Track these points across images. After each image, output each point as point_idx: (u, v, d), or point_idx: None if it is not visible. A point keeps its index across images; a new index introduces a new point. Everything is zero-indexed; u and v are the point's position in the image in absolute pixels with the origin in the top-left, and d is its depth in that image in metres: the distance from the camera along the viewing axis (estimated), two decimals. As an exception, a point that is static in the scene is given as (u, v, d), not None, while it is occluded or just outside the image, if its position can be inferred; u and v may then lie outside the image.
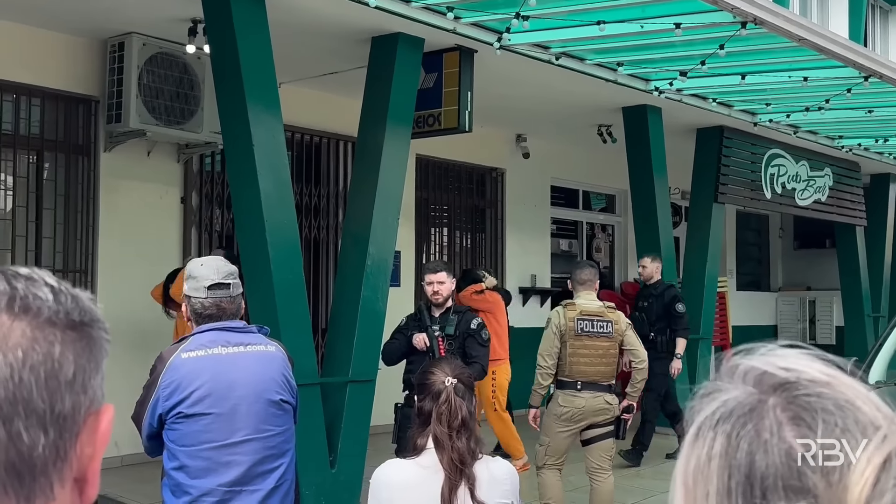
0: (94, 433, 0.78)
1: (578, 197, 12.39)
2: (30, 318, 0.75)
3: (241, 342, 2.93)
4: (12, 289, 0.76)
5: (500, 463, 2.81)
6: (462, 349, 5.30)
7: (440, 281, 5.43)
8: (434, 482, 2.64)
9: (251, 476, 2.86)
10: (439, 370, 2.80)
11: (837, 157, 12.11)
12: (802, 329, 15.94)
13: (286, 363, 3.03)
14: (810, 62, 7.42)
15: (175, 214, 7.94)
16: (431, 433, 2.68)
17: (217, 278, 2.96)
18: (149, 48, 7.01)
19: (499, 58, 7.11)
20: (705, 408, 0.77)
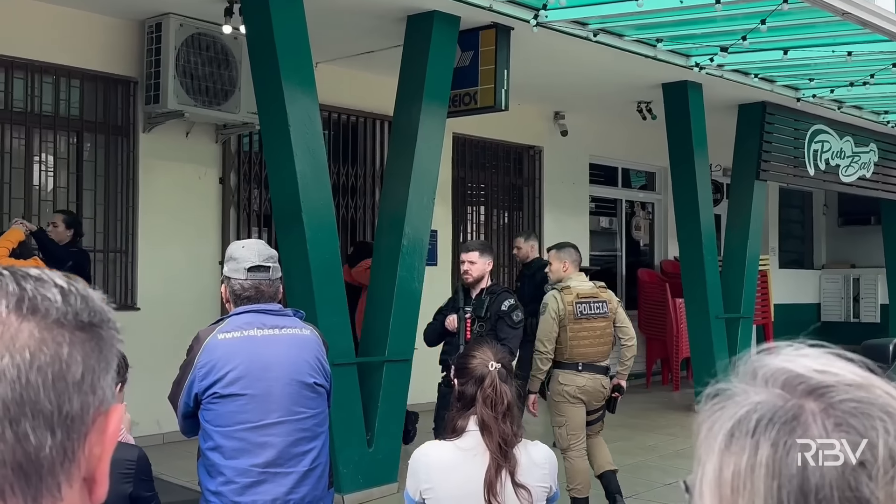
0: (102, 433, 0.78)
1: (618, 175, 12.28)
2: (38, 319, 0.75)
3: (277, 325, 2.94)
4: (21, 290, 0.76)
5: (539, 447, 2.81)
6: (493, 331, 5.25)
7: (471, 261, 5.40)
8: (473, 465, 2.65)
9: (285, 458, 2.88)
10: (480, 354, 2.80)
11: (883, 133, 11.86)
12: (846, 307, 15.70)
13: (321, 347, 3.03)
14: (854, 36, 7.26)
15: (213, 195, 7.99)
16: (477, 416, 2.69)
17: (258, 261, 2.98)
18: (186, 29, 7.04)
19: (535, 35, 7.04)
20: (727, 411, 0.74)
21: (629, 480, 6.91)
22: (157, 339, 6.92)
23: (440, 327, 5.46)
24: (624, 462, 7.47)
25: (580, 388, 5.61)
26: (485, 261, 5.42)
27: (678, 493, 3.14)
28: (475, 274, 5.37)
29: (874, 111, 10.88)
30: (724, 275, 9.78)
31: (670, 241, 12.31)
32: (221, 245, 8.00)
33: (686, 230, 9.48)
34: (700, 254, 9.32)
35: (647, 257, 12.78)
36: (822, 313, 15.90)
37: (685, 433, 8.65)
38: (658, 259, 12.61)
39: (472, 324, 5.28)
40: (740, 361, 0.79)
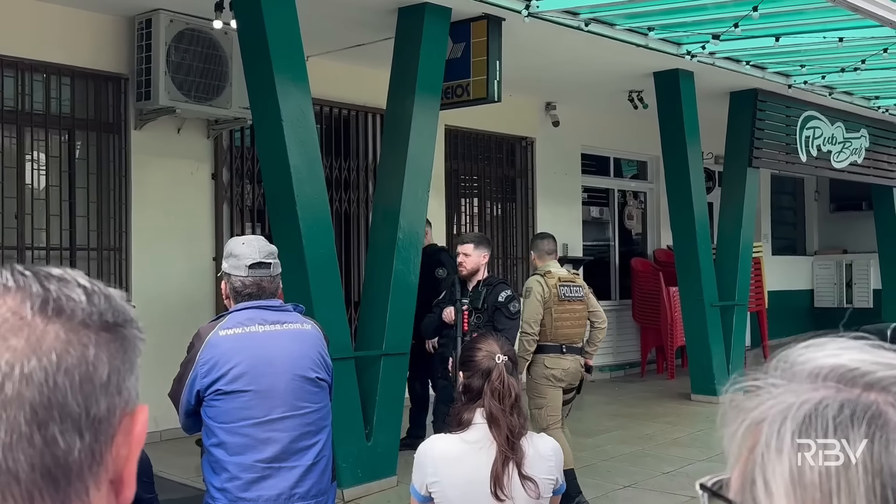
0: (129, 435, 0.77)
1: (609, 164, 12.28)
2: (63, 321, 0.74)
3: (278, 320, 2.93)
4: (45, 290, 0.75)
5: (545, 439, 2.81)
6: (490, 322, 5.26)
7: (465, 253, 5.40)
8: (479, 457, 2.65)
9: (289, 452, 2.88)
10: (486, 346, 2.79)
11: (874, 118, 11.89)
12: (839, 293, 15.76)
13: (322, 341, 3.03)
14: (845, 22, 7.26)
15: (206, 190, 7.97)
16: (484, 409, 2.69)
17: (259, 257, 2.97)
18: (176, 24, 7.00)
19: (527, 25, 7.03)
20: (775, 408, 0.71)
21: (627, 470, 6.94)
22: (153, 335, 6.83)
23: (437, 320, 5.46)
24: (622, 451, 7.52)
25: (565, 371, 5.79)
26: (480, 253, 5.42)
27: (677, 482, 3.17)
28: (470, 266, 5.37)
29: (865, 97, 10.91)
30: (717, 263, 9.80)
31: (663, 229, 12.33)
32: (215, 241, 7.98)
33: (679, 219, 9.49)
34: (694, 242, 9.33)
35: (640, 246, 12.79)
36: (815, 299, 15.97)
37: (682, 422, 8.69)
38: (651, 248, 12.63)
39: (470, 315, 5.28)
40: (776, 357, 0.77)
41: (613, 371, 11.63)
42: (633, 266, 11.84)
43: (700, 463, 7.10)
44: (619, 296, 12.14)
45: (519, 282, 10.78)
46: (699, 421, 8.70)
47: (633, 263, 11.88)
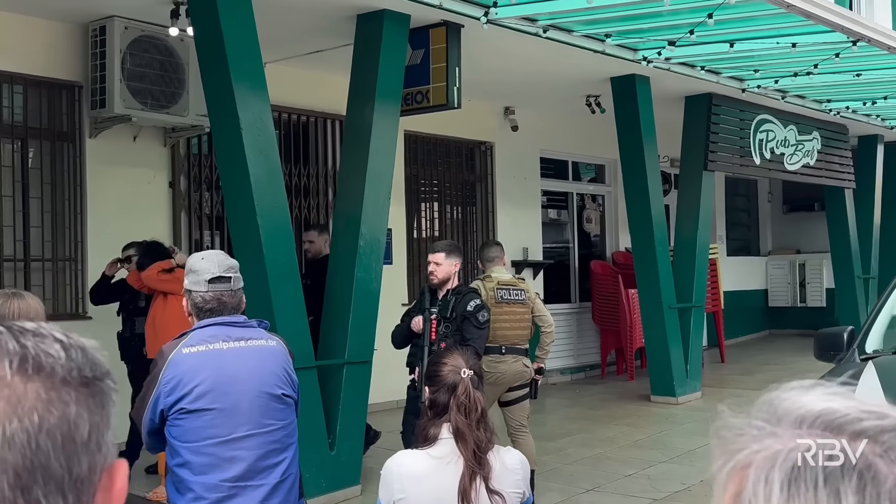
0: (109, 492, 0.75)
1: (568, 168, 12.36)
2: (43, 379, 0.72)
3: (243, 337, 2.90)
4: (22, 347, 0.73)
5: (511, 453, 2.81)
6: (459, 331, 5.24)
7: (437, 262, 5.37)
8: (446, 473, 2.64)
9: (255, 471, 2.85)
10: (452, 361, 2.78)
11: (825, 121, 12.10)
12: (793, 292, 16.00)
13: (287, 357, 3.00)
14: (798, 28, 7.38)
15: (163, 199, 7.87)
16: (451, 424, 2.68)
17: (218, 271, 2.93)
18: (131, 32, 6.91)
19: (485, 32, 7.04)
20: (762, 454, 0.71)
21: (590, 473, 6.99)
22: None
23: (406, 329, 5.43)
24: (584, 454, 7.56)
25: (502, 374, 5.93)
26: (451, 262, 5.39)
27: (639, 485, 3.20)
28: (441, 275, 5.34)
29: (817, 100, 11.10)
30: (675, 265, 9.90)
31: (621, 232, 12.43)
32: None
33: (638, 222, 9.57)
34: (652, 245, 9.42)
35: (599, 249, 12.88)
36: (769, 299, 16.20)
37: (643, 423, 8.77)
38: (609, 250, 12.73)
39: (438, 325, 5.25)
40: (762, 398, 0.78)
41: (574, 373, 11.70)
42: (592, 269, 11.92)
43: (661, 465, 7.17)
44: (579, 298, 12.21)
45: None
46: (659, 422, 8.78)
47: (593, 266, 11.96)
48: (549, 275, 11.65)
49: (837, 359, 4.82)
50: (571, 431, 8.47)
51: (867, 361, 4.44)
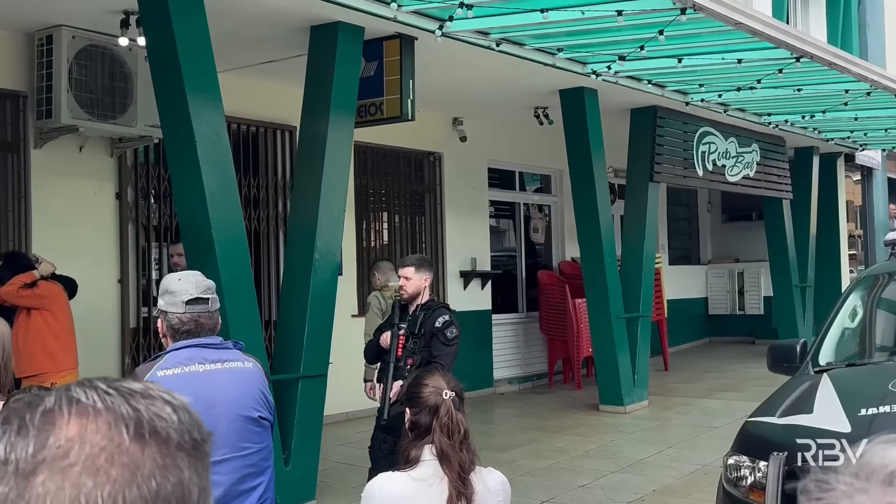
0: None
1: (515, 178, 12.44)
2: (159, 444, 0.72)
3: (219, 359, 2.85)
4: (135, 411, 0.72)
5: (494, 474, 2.81)
6: (427, 348, 5.19)
7: (406, 276, 5.29)
8: (429, 495, 2.63)
9: (232, 495, 2.80)
10: (432, 382, 2.77)
11: (764, 133, 12.39)
12: (732, 300, 16.32)
13: (263, 379, 2.97)
14: (744, 44, 7.55)
15: (110, 210, 7.72)
16: (434, 446, 2.66)
17: (196, 293, 2.88)
18: (78, 41, 6.77)
19: (438, 44, 7.06)
20: None
21: (544, 484, 7.02)
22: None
23: (376, 345, 5.37)
24: (537, 465, 7.59)
25: None
26: (421, 276, 5.30)
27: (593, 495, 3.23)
28: (411, 290, 5.26)
29: (757, 113, 11.35)
30: (622, 274, 10.03)
31: (567, 242, 12.55)
32: (119, 263, 7.74)
33: (586, 232, 9.67)
34: (600, 255, 9.53)
35: (545, 259, 12.99)
36: (709, 307, 16.50)
37: (592, 433, 8.85)
38: (556, 260, 12.83)
39: (407, 340, 5.19)
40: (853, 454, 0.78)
41: (521, 383, 11.76)
42: (539, 278, 12.00)
43: (613, 475, 7.24)
44: (526, 308, 12.28)
45: (428, 297, 10.81)
46: (609, 432, 8.87)
47: (540, 276, 12.04)
48: (496, 285, 11.70)
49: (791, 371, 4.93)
50: (522, 442, 8.51)
51: (821, 374, 4.55)
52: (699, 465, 7.37)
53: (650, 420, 9.43)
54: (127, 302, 7.74)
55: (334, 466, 7.40)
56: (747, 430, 4.22)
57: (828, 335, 5.01)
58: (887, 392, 3.90)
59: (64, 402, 0.72)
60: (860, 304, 5.31)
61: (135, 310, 7.85)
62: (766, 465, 3.78)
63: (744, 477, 3.98)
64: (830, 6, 15.25)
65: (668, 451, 7.97)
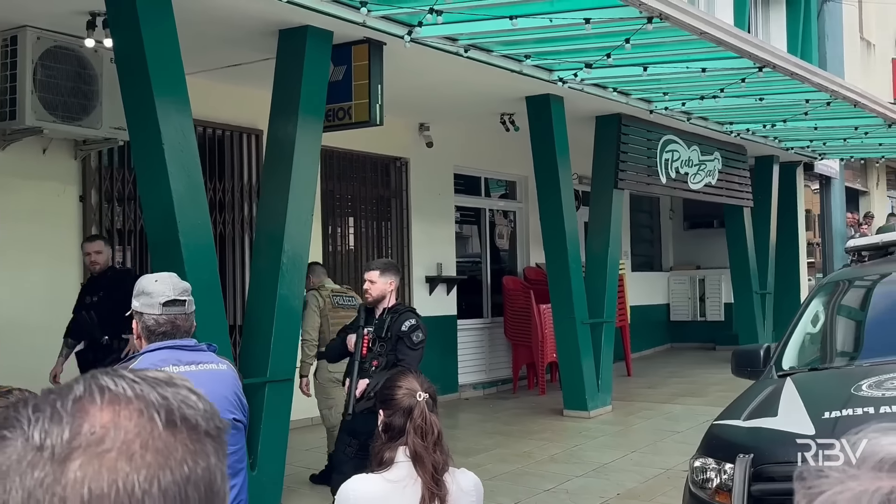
0: None
1: (481, 184, 12.49)
2: (188, 430, 0.74)
3: (194, 361, 2.85)
4: (164, 398, 0.74)
5: (466, 475, 2.83)
6: (394, 351, 5.22)
7: (371, 280, 5.33)
8: (403, 496, 2.64)
9: (206, 498, 2.79)
10: (406, 384, 2.79)
11: (726, 142, 12.56)
12: (693, 307, 16.50)
13: (237, 381, 2.97)
14: (709, 53, 7.66)
15: (73, 214, 7.63)
16: (408, 448, 2.68)
17: (173, 294, 2.88)
18: (44, 42, 6.69)
19: (407, 49, 7.08)
20: (843, 495, 0.75)
21: (510, 489, 7.05)
22: (15, 366, 6.53)
23: (340, 346, 5.39)
24: (503, 470, 7.63)
25: None
26: (386, 280, 5.33)
27: (558, 499, 3.29)
28: (375, 293, 5.30)
29: (719, 122, 11.52)
30: (587, 280, 10.10)
31: (532, 248, 12.62)
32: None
33: (551, 238, 9.74)
34: (565, 261, 9.60)
35: (510, 264, 13.05)
36: (671, 313, 16.67)
37: (557, 437, 8.91)
38: (521, 266, 12.90)
39: (373, 343, 5.21)
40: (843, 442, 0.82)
41: (486, 388, 11.80)
42: (504, 284, 12.06)
43: (578, 479, 7.30)
44: (492, 313, 12.33)
45: (394, 302, 10.81)
46: (573, 436, 8.93)
47: (505, 282, 12.09)
48: (461, 290, 11.74)
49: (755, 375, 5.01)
50: (488, 447, 8.54)
51: (785, 378, 4.63)
52: (662, 469, 7.45)
53: (614, 425, 9.52)
54: (90, 306, 7.64)
55: (300, 472, 7.38)
56: (713, 433, 4.29)
57: (790, 340, 5.10)
58: (850, 395, 3.98)
59: (95, 389, 0.73)
60: (822, 309, 5.41)
61: (98, 314, 7.76)
62: (732, 467, 3.84)
63: (710, 479, 4.04)
64: (790, 17, 15.51)
65: (632, 456, 8.05)
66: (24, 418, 0.71)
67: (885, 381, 4.08)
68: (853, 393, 4.00)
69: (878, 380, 4.11)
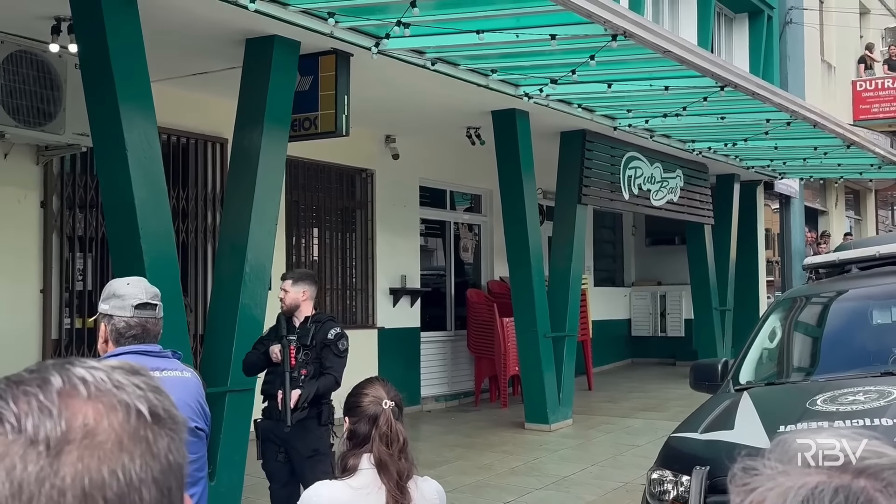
0: None
1: (446, 197, 12.53)
2: (168, 421, 0.77)
3: (158, 367, 2.83)
4: (141, 390, 0.77)
5: (429, 482, 2.84)
6: (318, 359, 5.19)
7: (284, 289, 5.33)
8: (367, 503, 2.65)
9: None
10: (372, 391, 2.80)
11: (688, 160, 12.71)
12: (654, 322, 16.65)
13: (200, 389, 2.96)
14: (672, 72, 7.77)
15: (34, 220, 7.55)
16: (373, 455, 2.69)
17: (145, 298, 2.89)
18: (7, 46, 6.63)
19: (374, 61, 7.11)
20: (773, 491, 0.79)
21: (470, 500, 7.07)
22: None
23: (264, 357, 5.34)
24: (464, 482, 7.64)
25: None
26: (299, 289, 5.29)
27: None
28: (288, 302, 5.28)
29: (681, 139, 11.67)
30: (550, 294, 10.16)
31: (496, 261, 12.68)
32: (43, 272, 7.58)
33: (515, 252, 9.79)
34: (529, 275, 9.65)
35: (474, 277, 13.09)
36: (632, 328, 16.80)
37: (518, 450, 8.93)
38: (485, 279, 12.94)
39: (297, 352, 5.19)
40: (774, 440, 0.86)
41: (448, 400, 11.81)
42: (468, 297, 12.09)
43: (538, 491, 7.33)
44: (455, 326, 12.35)
45: (358, 312, 10.81)
46: (534, 449, 8.97)
47: (469, 294, 12.13)
48: (425, 302, 11.75)
49: (713, 389, 5.08)
50: (449, 459, 8.55)
51: (742, 392, 4.70)
52: (622, 482, 7.50)
53: (574, 438, 9.57)
54: (49, 312, 7.57)
55: (259, 482, 7.31)
56: (671, 446, 4.34)
57: (748, 355, 5.17)
58: (805, 410, 4.05)
59: (76, 381, 0.74)
60: (779, 325, 5.50)
61: (57, 320, 7.68)
62: (689, 479, 3.89)
63: (667, 491, 4.09)
64: (753, 37, 15.77)
65: (592, 469, 8.10)
66: (8, 411, 0.71)
67: (840, 395, 4.16)
68: (808, 407, 4.08)
69: (833, 395, 4.19)
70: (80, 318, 7.91)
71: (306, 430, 5.18)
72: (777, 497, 0.79)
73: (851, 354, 5.01)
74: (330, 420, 5.26)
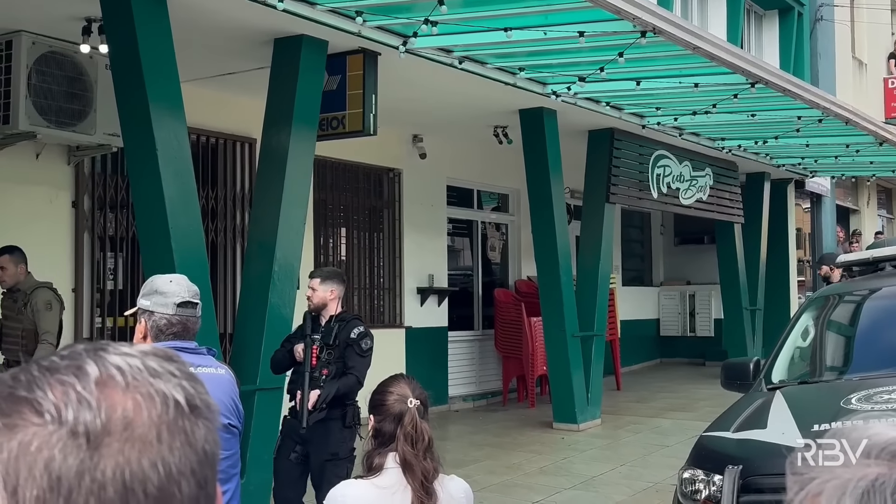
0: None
1: (473, 196, 12.51)
2: (204, 411, 0.76)
3: (194, 364, 2.84)
4: (176, 378, 0.75)
5: (456, 482, 2.82)
6: (342, 359, 5.15)
7: (312, 288, 5.30)
8: (393, 503, 2.64)
9: (197, 501, 2.79)
10: (398, 390, 2.78)
11: (717, 158, 12.61)
12: (683, 322, 16.53)
13: (234, 386, 2.97)
14: (702, 69, 7.70)
15: (66, 219, 7.62)
16: (398, 455, 2.67)
17: (187, 296, 2.91)
18: (38, 47, 6.69)
19: (401, 60, 7.11)
20: (832, 483, 0.77)
21: (499, 500, 7.05)
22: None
23: (289, 356, 5.33)
24: (492, 481, 7.62)
25: None
26: (327, 288, 5.26)
27: None
28: (315, 301, 5.24)
29: (711, 137, 11.57)
30: (578, 294, 10.12)
31: (523, 261, 12.64)
32: (74, 271, 7.65)
33: (543, 252, 9.76)
34: (557, 274, 9.61)
35: (501, 277, 13.06)
36: (661, 328, 16.69)
37: (546, 450, 8.90)
38: (512, 279, 12.91)
39: (321, 351, 5.16)
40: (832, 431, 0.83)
41: (476, 400, 11.79)
42: (495, 296, 12.07)
43: (567, 491, 7.30)
44: (482, 326, 12.33)
45: (385, 312, 10.82)
46: (563, 449, 8.93)
47: (496, 294, 12.11)
48: (452, 302, 11.74)
49: (744, 388, 5.03)
50: (478, 458, 8.53)
51: (774, 391, 4.65)
52: (651, 482, 7.45)
53: (603, 438, 9.52)
54: (81, 311, 7.64)
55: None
56: (702, 445, 4.30)
57: (780, 354, 5.11)
58: (839, 408, 4.00)
59: (113, 371, 0.72)
60: (812, 324, 5.44)
61: (88, 319, 7.75)
62: (721, 478, 3.85)
63: (699, 490, 4.05)
64: (783, 34, 15.62)
65: (621, 469, 8.05)
66: (47, 401, 0.69)
67: (874, 394, 4.10)
68: (843, 406, 4.02)
69: (868, 393, 4.13)
70: (112, 318, 7.97)
71: (328, 432, 5.14)
72: (835, 489, 0.77)
73: (886, 352, 4.94)
74: (355, 422, 5.23)
